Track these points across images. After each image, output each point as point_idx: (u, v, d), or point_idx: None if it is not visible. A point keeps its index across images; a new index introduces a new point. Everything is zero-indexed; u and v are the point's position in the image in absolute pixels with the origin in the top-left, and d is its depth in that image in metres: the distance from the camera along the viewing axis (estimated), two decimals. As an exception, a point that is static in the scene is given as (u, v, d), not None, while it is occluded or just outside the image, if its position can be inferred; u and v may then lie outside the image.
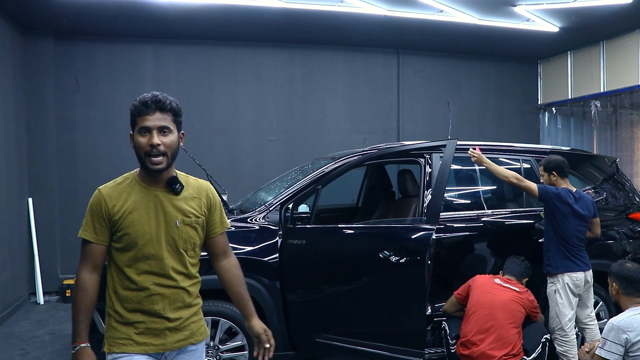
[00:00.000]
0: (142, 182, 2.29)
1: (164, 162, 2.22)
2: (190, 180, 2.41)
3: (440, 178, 4.05)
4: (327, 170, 4.33)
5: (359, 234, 4.24)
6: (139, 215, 2.23)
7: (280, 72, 8.51)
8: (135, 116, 2.21)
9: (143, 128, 2.19)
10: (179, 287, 2.30)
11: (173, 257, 2.29)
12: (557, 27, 7.67)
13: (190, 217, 2.32)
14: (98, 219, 2.23)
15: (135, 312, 2.24)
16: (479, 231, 4.66)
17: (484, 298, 4.08)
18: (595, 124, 9.14)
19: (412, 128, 9.06)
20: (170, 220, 2.27)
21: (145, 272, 2.24)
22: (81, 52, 7.73)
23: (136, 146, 2.22)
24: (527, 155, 5.14)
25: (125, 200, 2.24)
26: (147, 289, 2.23)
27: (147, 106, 2.18)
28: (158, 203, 2.27)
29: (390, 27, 7.65)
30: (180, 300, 2.31)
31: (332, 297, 4.11)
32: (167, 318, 2.27)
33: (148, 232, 2.23)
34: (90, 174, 7.71)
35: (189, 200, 2.34)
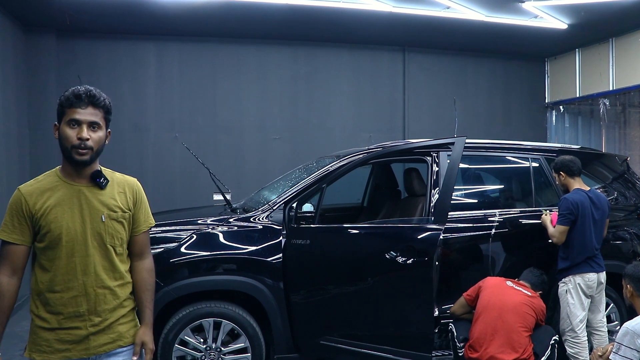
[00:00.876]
0: (65, 178, 2.22)
1: (89, 154, 2.16)
2: (116, 176, 2.36)
3: (448, 177, 3.93)
4: (332, 168, 4.23)
5: (364, 234, 4.14)
6: (62, 211, 2.16)
7: (284, 69, 8.43)
8: (65, 107, 2.15)
9: (73, 120, 2.13)
10: (105, 287, 2.23)
11: (100, 254, 2.22)
12: (565, 24, 7.55)
13: (116, 211, 2.27)
14: (18, 218, 2.16)
15: (58, 315, 2.17)
16: (486, 231, 4.54)
17: (494, 299, 3.97)
18: (604, 122, 9.02)
19: (417, 126, 8.97)
20: (95, 215, 2.21)
21: (70, 271, 2.17)
22: (83, 50, 7.68)
23: (62, 137, 2.15)
24: (536, 154, 5.02)
25: (48, 197, 2.17)
26: (72, 289, 2.17)
27: (81, 99, 2.13)
28: (82, 198, 2.21)
29: (395, 24, 7.56)
30: (106, 302, 2.23)
31: (336, 298, 4.01)
32: (90, 320, 2.20)
33: (72, 227, 2.17)
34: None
35: (115, 195, 2.29)
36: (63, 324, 2.17)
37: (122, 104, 7.75)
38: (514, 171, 5.07)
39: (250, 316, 3.95)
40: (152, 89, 7.93)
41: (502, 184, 5.08)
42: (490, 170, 5.07)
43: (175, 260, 3.85)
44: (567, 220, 4.25)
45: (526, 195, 5.01)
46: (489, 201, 4.91)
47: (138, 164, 7.81)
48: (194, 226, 4.07)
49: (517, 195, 5.05)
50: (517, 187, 5.13)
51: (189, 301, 3.89)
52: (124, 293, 2.31)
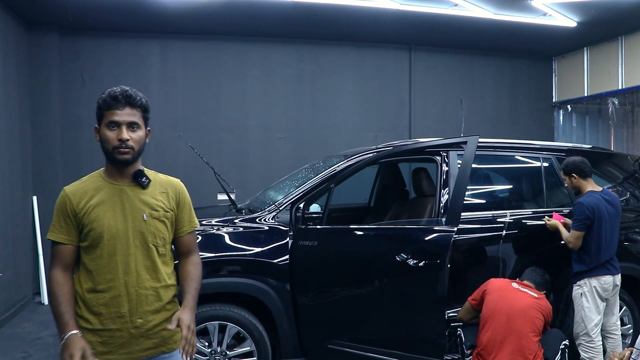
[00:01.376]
0: (108, 178, 2.25)
1: (130, 154, 2.18)
2: (159, 177, 2.38)
3: (461, 177, 3.82)
4: (340, 168, 4.14)
5: (374, 235, 4.03)
6: (104, 210, 2.18)
7: (289, 68, 8.34)
8: (104, 109, 2.17)
9: (112, 122, 2.16)
10: (147, 287, 2.22)
11: (142, 253, 2.22)
12: (574, 21, 7.45)
13: (158, 210, 2.27)
14: (64, 218, 2.20)
15: (100, 316, 2.17)
16: (496, 232, 4.44)
17: (501, 303, 3.85)
18: (613, 121, 8.91)
19: (423, 126, 8.87)
20: (137, 214, 2.22)
21: (111, 270, 2.17)
22: (86, 48, 7.59)
23: (103, 140, 2.19)
24: (546, 154, 4.92)
25: (91, 197, 2.20)
26: (113, 289, 2.17)
27: (117, 100, 2.15)
28: (125, 197, 2.23)
29: (402, 21, 7.46)
30: (148, 303, 2.22)
31: (345, 301, 3.91)
32: (132, 322, 2.19)
33: (114, 226, 2.18)
34: (96, 172, 7.54)
35: (157, 195, 2.30)
36: (105, 325, 2.17)
37: (125, 103, 7.66)
38: (525, 171, 4.97)
39: (256, 319, 3.86)
40: (156, 88, 7.85)
41: (512, 184, 4.98)
42: (500, 170, 4.97)
43: (179, 262, 3.76)
44: (583, 226, 4.14)
45: (537, 195, 4.91)
46: (499, 202, 4.80)
47: (141, 163, 7.70)
48: (198, 227, 3.97)
49: (528, 196, 4.95)
50: (528, 188, 5.04)
51: (195, 303, 3.80)
52: (167, 296, 2.30)
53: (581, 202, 4.18)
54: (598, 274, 4.16)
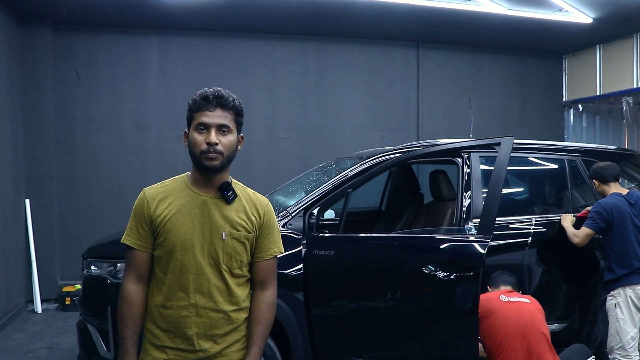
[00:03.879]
0: (191, 186, 2.07)
1: (219, 159, 2.00)
2: (247, 192, 2.18)
3: (495, 181, 3.50)
4: (357, 170, 3.83)
5: (397, 245, 3.68)
6: (181, 220, 2.02)
7: (293, 65, 8.05)
8: (194, 111, 2.02)
9: (201, 124, 1.99)
10: (218, 310, 2.04)
11: (215, 273, 2.04)
12: (590, 18, 7.17)
13: (239, 230, 2.06)
14: (141, 222, 2.06)
15: (169, 333, 2.03)
16: (521, 239, 4.15)
17: (505, 326, 3.42)
18: (627, 121, 8.63)
19: (432, 125, 8.60)
20: (216, 231, 2.03)
21: (182, 288, 2.01)
22: (82, 44, 7.28)
23: (191, 144, 2.02)
24: (572, 155, 4.64)
25: (170, 203, 2.04)
26: (182, 309, 2.01)
27: (208, 101, 2.00)
28: (205, 210, 2.04)
29: (410, 17, 7.18)
30: (217, 327, 2.04)
31: (365, 317, 3.58)
32: (199, 346, 2.02)
33: (189, 240, 2.01)
34: (92, 173, 7.29)
35: (241, 212, 2.09)
36: (174, 343, 2.03)
37: (122, 102, 7.40)
38: (550, 174, 4.70)
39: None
40: (155, 86, 7.55)
41: (537, 188, 4.70)
42: (524, 172, 4.69)
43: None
44: (595, 225, 3.96)
45: (562, 199, 4.64)
46: (523, 207, 4.52)
47: (139, 164, 7.45)
48: None
49: (553, 200, 4.67)
50: (550, 191, 4.77)
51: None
52: (240, 318, 2.11)
53: (599, 202, 4.07)
54: (632, 283, 3.91)
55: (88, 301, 3.87)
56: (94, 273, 3.83)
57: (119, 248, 4.00)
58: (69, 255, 6.91)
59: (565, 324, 4.21)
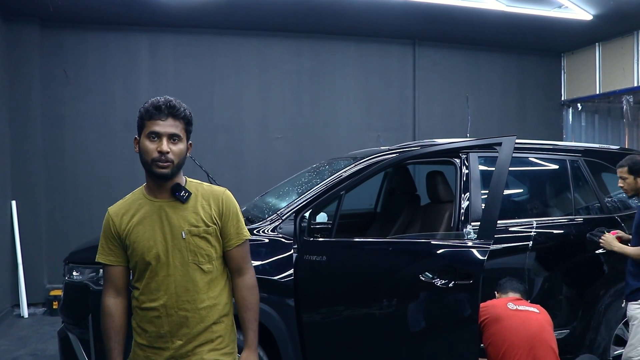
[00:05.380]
0: (148, 195, 2.19)
1: (169, 168, 2.09)
2: (202, 188, 2.26)
3: (496, 183, 3.32)
4: (351, 172, 3.66)
5: (392, 250, 3.49)
6: (143, 230, 2.13)
7: (287, 64, 7.89)
8: (145, 119, 2.10)
9: (153, 133, 2.08)
10: (187, 310, 2.13)
11: (182, 273, 2.14)
12: (590, 14, 7.03)
13: (198, 226, 2.16)
14: (110, 239, 2.18)
15: (146, 333, 2.16)
16: (521, 243, 3.99)
17: (511, 336, 3.25)
18: (627, 120, 8.49)
19: (428, 125, 8.46)
20: (176, 232, 2.14)
21: (153, 291, 2.13)
22: (70, 41, 7.10)
23: (142, 151, 2.11)
24: (574, 155, 4.48)
25: (132, 216, 2.16)
26: (154, 310, 2.13)
27: (160, 110, 2.08)
28: (163, 214, 2.15)
29: (407, 14, 7.06)
30: (189, 325, 2.14)
31: (359, 326, 3.41)
32: (172, 343, 2.13)
33: (154, 246, 2.12)
34: (80, 174, 7.11)
35: (198, 208, 2.18)
36: (151, 342, 2.16)
37: (112, 101, 7.23)
38: (552, 175, 4.54)
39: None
40: (145, 85, 7.38)
41: (538, 190, 4.54)
42: (524, 173, 4.53)
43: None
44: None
45: (562, 201, 4.48)
46: (523, 209, 4.36)
47: (129, 165, 7.25)
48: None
49: (554, 202, 4.51)
50: (551, 192, 4.62)
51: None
52: (212, 317, 2.18)
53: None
54: None
55: (69, 309, 3.68)
56: (76, 279, 3.64)
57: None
58: (57, 258, 6.65)
59: (568, 331, 4.05)
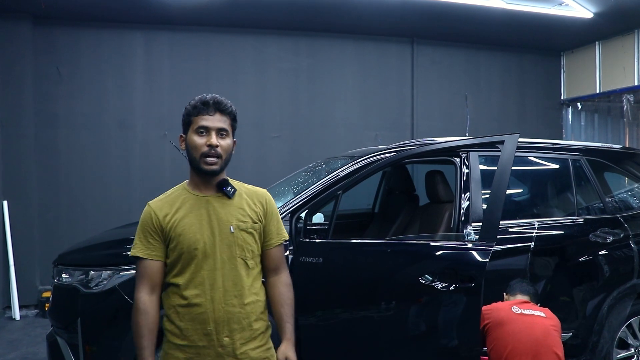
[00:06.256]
0: (192, 190, 2.20)
1: (218, 164, 2.14)
2: (245, 187, 2.33)
3: (498, 182, 3.21)
4: (348, 171, 3.56)
5: (391, 252, 3.38)
6: (190, 223, 2.13)
7: (284, 62, 7.80)
8: (192, 115, 2.15)
9: (202, 128, 2.13)
10: (235, 305, 2.13)
11: (229, 267, 2.14)
12: (591, 12, 6.95)
13: (246, 221, 2.19)
14: (150, 233, 2.15)
15: (188, 331, 2.11)
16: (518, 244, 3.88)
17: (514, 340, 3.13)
18: (627, 119, 8.40)
19: (427, 124, 8.37)
20: (224, 226, 2.15)
21: (198, 286, 2.11)
22: (63, 39, 7.00)
23: (190, 147, 2.15)
24: (576, 154, 4.38)
25: (177, 210, 2.15)
26: (200, 305, 2.10)
27: (208, 106, 2.14)
28: (210, 209, 2.16)
29: (406, 12, 6.99)
30: (235, 321, 2.13)
31: (356, 329, 3.29)
32: (219, 341, 2.10)
33: (201, 239, 2.11)
34: (74, 174, 7.01)
35: (244, 205, 2.23)
36: (192, 341, 2.11)
37: (106, 99, 7.13)
38: (553, 174, 4.44)
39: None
40: (140, 83, 7.28)
41: (540, 189, 4.44)
42: (526, 173, 4.43)
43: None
44: None
45: (563, 200, 4.39)
46: (525, 209, 4.26)
47: (123, 164, 7.17)
48: None
49: (556, 202, 4.41)
50: (552, 192, 4.52)
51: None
52: (255, 313, 2.20)
53: None
54: None
55: (58, 312, 3.58)
56: (65, 282, 3.55)
57: (93, 254, 3.81)
58: (49, 260, 6.42)
59: (570, 334, 3.95)
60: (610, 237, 4.08)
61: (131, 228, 4.45)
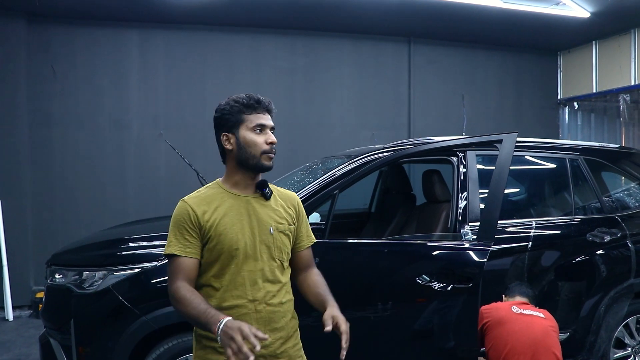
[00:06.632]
0: (230, 189, 2.14)
1: (273, 160, 2.15)
2: (277, 189, 2.29)
3: (497, 182, 3.20)
4: (345, 170, 3.52)
5: (388, 252, 3.35)
6: (231, 223, 2.06)
7: (280, 61, 7.76)
8: (245, 113, 2.11)
9: (259, 125, 2.11)
10: (274, 304, 2.11)
11: (268, 268, 2.12)
12: (588, 12, 6.94)
13: (283, 223, 2.18)
14: (187, 230, 2.04)
15: None
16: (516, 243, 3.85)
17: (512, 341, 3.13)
18: (624, 119, 8.40)
19: (423, 123, 8.35)
20: (263, 227, 2.12)
21: (239, 287, 2.06)
22: (58, 37, 6.94)
23: (248, 145, 2.10)
24: (573, 154, 4.36)
25: (216, 208, 2.08)
26: (241, 307, 2.05)
27: (260, 104, 2.13)
28: (250, 209, 2.12)
29: (403, 11, 6.95)
30: (275, 320, 2.11)
31: (353, 331, 3.27)
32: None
33: (242, 240, 2.06)
34: (68, 173, 6.96)
35: (279, 207, 2.21)
36: None
37: (101, 98, 7.08)
38: (551, 173, 4.42)
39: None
40: (135, 82, 7.24)
41: (537, 189, 4.42)
42: (523, 172, 4.40)
43: (155, 284, 3.16)
44: None
45: (560, 200, 4.37)
46: (522, 209, 4.24)
47: (119, 164, 7.12)
48: None
49: (554, 202, 4.39)
50: (550, 191, 4.50)
51: (173, 333, 3.18)
52: (290, 311, 2.21)
53: None
54: None
55: (51, 313, 3.54)
56: (58, 282, 3.50)
57: (86, 255, 3.77)
58: (44, 259, 6.39)
59: (568, 334, 3.93)
60: (607, 237, 4.06)
61: (126, 228, 4.44)
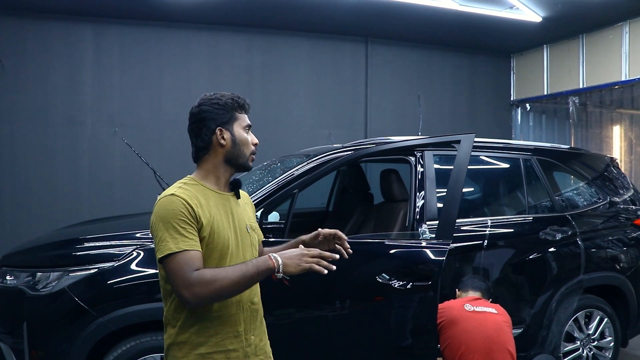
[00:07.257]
0: (212, 187, 2.06)
1: None
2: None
3: (455, 181, 3.26)
4: (305, 169, 3.53)
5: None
6: (220, 219, 2.01)
7: (238, 59, 7.72)
8: (235, 111, 2.09)
9: (249, 126, 2.13)
10: (253, 302, 2.09)
11: None
12: (540, 16, 7.16)
13: (253, 221, 2.20)
14: (189, 223, 1.89)
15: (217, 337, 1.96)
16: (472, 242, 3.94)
17: (467, 338, 3.17)
18: (573, 121, 8.69)
19: (380, 123, 8.45)
20: (242, 226, 2.10)
21: None
22: (7, 30, 6.72)
23: (239, 142, 2.07)
24: (527, 154, 4.49)
25: (206, 205, 1.98)
26: (230, 306, 1.99)
27: (247, 105, 2.15)
28: (228, 207, 2.08)
29: (361, 11, 7.02)
30: (255, 319, 2.10)
31: (312, 328, 3.30)
32: (247, 341, 2.04)
33: (230, 238, 2.02)
34: (18, 172, 6.76)
35: (246, 206, 2.22)
36: (221, 345, 1.97)
37: (53, 94, 6.89)
38: (505, 173, 4.54)
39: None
40: (89, 78, 7.07)
41: (492, 188, 4.54)
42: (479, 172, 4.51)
43: (112, 285, 3.10)
44: None
45: (513, 199, 4.50)
46: (478, 208, 4.34)
47: (72, 162, 6.95)
48: (135, 240, 3.32)
49: (508, 201, 4.52)
50: (504, 190, 4.62)
51: (130, 334, 3.14)
52: (261, 307, 2.19)
53: None
54: None
55: (1, 316, 3.42)
56: (10, 284, 3.39)
57: (40, 255, 3.66)
58: None
59: (521, 329, 4.05)
60: (558, 235, 4.20)
61: (81, 227, 4.34)
